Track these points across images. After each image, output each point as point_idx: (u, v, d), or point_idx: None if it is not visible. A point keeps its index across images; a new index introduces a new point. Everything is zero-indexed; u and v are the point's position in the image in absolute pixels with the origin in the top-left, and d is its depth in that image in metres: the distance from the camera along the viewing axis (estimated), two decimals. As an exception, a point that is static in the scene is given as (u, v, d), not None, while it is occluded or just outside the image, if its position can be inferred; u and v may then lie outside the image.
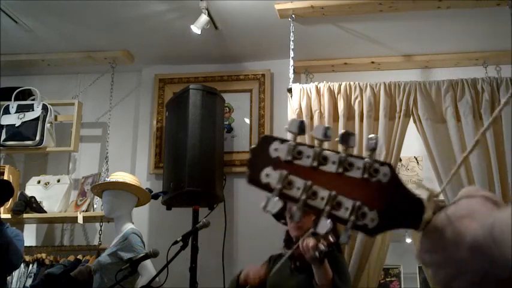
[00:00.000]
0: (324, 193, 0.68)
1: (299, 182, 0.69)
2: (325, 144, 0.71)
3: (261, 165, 0.70)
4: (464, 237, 0.64)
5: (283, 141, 0.71)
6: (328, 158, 0.69)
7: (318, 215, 0.68)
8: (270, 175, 0.70)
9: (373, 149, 0.70)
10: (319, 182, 0.68)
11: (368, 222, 0.67)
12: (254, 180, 0.71)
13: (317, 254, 2.30)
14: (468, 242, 0.64)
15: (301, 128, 0.71)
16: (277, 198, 0.69)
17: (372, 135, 0.69)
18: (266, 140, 0.72)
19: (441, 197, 3.52)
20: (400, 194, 0.68)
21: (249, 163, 0.72)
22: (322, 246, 2.30)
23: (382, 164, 0.69)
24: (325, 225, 0.68)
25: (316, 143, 0.71)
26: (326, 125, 0.70)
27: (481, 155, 3.31)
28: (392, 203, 0.68)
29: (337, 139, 0.73)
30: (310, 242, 2.36)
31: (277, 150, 0.70)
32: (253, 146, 0.73)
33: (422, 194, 0.69)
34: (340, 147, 0.73)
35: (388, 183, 0.68)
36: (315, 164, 0.69)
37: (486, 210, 0.66)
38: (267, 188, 0.70)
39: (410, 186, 0.69)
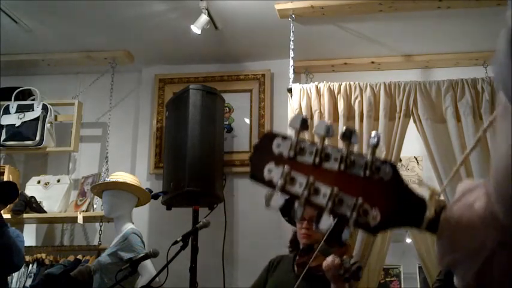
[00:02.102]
0: (326, 190, 0.68)
1: (301, 178, 0.69)
2: (328, 141, 0.71)
3: (263, 161, 0.70)
4: (476, 218, 0.64)
5: (285, 137, 0.71)
6: (331, 155, 0.69)
7: (320, 211, 0.68)
8: (272, 171, 0.70)
9: (375, 146, 0.69)
10: (321, 178, 0.68)
11: (370, 220, 0.67)
12: (256, 176, 0.71)
13: (341, 271, 2.25)
14: (481, 217, 0.64)
15: (303, 124, 0.71)
16: (279, 194, 0.69)
17: (374, 132, 0.69)
18: (268, 137, 0.72)
19: (440, 197, 3.53)
20: (402, 192, 0.68)
21: (252, 159, 0.72)
22: (347, 265, 2.25)
23: (384, 162, 0.68)
24: (327, 221, 0.67)
25: (318, 139, 0.71)
26: (328, 122, 0.70)
27: (481, 155, 3.31)
28: (394, 201, 0.68)
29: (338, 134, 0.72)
30: (335, 260, 2.29)
31: (279, 147, 0.70)
32: (255, 142, 0.73)
33: (424, 193, 0.69)
34: (342, 144, 0.72)
35: (390, 181, 0.68)
36: (317, 160, 0.69)
37: (489, 186, 0.66)
38: (269, 184, 0.70)
39: (413, 185, 0.69)
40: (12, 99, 4.25)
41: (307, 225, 2.66)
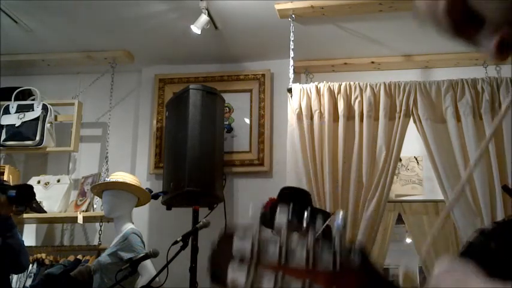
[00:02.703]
0: (297, 286, 0.66)
1: (269, 277, 0.66)
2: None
3: (225, 265, 0.69)
4: None
5: (244, 236, 0.68)
6: (296, 250, 0.67)
7: None
8: (237, 274, 0.68)
9: (341, 232, 0.68)
10: (291, 275, 0.67)
11: None
12: (219, 281, 0.69)
13: None
14: None
15: (264, 219, 0.69)
16: None
17: (339, 214, 0.68)
18: (225, 239, 0.70)
19: (441, 197, 3.53)
20: (375, 279, 0.69)
21: (211, 264, 0.71)
22: None
23: (352, 249, 0.68)
24: None
25: (282, 234, 0.68)
26: (286, 216, 0.68)
27: (482, 157, 3.31)
28: None
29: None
30: None
31: (239, 249, 0.68)
32: (212, 247, 0.71)
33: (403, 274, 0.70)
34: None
35: (360, 269, 0.67)
36: (283, 260, 0.67)
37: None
38: (234, 286, 0.68)
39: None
40: (12, 99, 4.25)
41: None
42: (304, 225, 0.68)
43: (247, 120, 4.21)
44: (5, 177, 4.07)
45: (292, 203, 0.70)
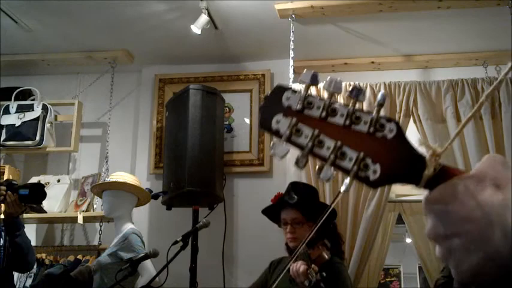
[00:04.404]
0: (330, 143, 0.70)
1: (307, 130, 0.71)
2: (337, 97, 0.74)
3: (272, 112, 0.73)
4: (492, 205, 0.62)
5: (295, 91, 0.73)
6: (337, 110, 0.72)
7: (323, 163, 0.71)
8: (280, 122, 0.72)
9: (380, 104, 0.72)
10: (326, 132, 0.71)
11: (370, 174, 0.69)
12: (265, 125, 0.73)
13: (306, 283, 2.25)
14: (501, 204, 0.61)
15: (313, 79, 0.73)
16: (285, 143, 0.72)
17: (381, 92, 0.71)
18: (279, 89, 0.74)
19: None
20: (404, 150, 0.70)
21: (262, 109, 0.74)
22: (311, 277, 2.24)
23: (389, 120, 0.71)
24: (327, 173, 0.70)
25: (326, 95, 0.73)
26: (338, 79, 0.72)
27: (481, 155, 3.31)
28: (395, 158, 0.70)
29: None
30: (301, 267, 2.31)
31: (289, 99, 0.73)
32: (267, 93, 0.76)
33: (425, 152, 0.70)
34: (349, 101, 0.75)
35: (393, 139, 0.70)
36: (324, 115, 0.72)
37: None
38: (276, 133, 0.72)
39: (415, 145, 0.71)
40: (12, 99, 4.25)
41: (291, 229, 2.70)
42: (347, 93, 0.73)
43: (247, 120, 4.21)
44: (5, 177, 4.07)
45: None
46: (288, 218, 2.75)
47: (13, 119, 4.16)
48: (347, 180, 0.70)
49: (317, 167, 0.71)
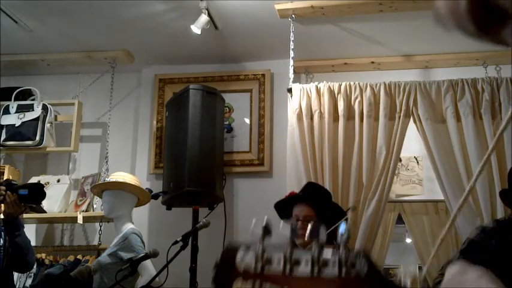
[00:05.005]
0: None
1: None
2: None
3: (228, 281, 0.67)
4: None
5: (248, 247, 0.67)
6: (301, 259, 0.66)
7: None
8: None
9: (345, 241, 0.67)
10: (296, 286, 0.66)
11: None
12: None
13: None
14: None
15: (266, 230, 0.67)
16: None
17: (342, 226, 0.67)
18: (229, 252, 0.68)
19: (441, 197, 3.53)
20: (381, 284, 0.68)
21: (214, 280, 0.68)
22: None
23: (357, 255, 0.67)
24: None
25: (285, 243, 0.67)
26: (293, 222, 0.68)
27: (481, 155, 3.31)
28: None
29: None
30: None
31: (243, 261, 0.67)
32: (216, 260, 0.69)
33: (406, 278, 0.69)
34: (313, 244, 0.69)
35: (367, 276, 0.66)
36: (288, 269, 0.66)
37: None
38: None
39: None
40: (12, 99, 4.25)
41: (302, 225, 2.71)
42: (307, 235, 0.67)
43: (247, 120, 4.21)
44: (5, 177, 4.07)
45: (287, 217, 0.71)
46: (300, 214, 2.79)
47: (13, 119, 4.16)
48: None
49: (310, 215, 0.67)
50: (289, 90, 3.66)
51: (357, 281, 0.65)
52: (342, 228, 0.67)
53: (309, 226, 0.68)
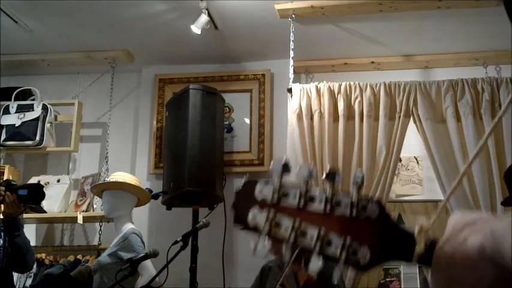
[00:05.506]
0: (313, 232, 0.67)
1: (287, 222, 0.68)
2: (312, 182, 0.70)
3: (247, 207, 0.70)
4: (471, 254, 0.65)
5: (267, 182, 0.70)
6: (315, 197, 0.69)
7: (309, 253, 0.67)
8: (257, 216, 0.69)
9: (359, 186, 0.69)
10: (307, 220, 0.68)
11: (360, 258, 0.67)
12: (241, 222, 0.70)
13: None
14: (476, 253, 0.65)
15: (286, 168, 0.70)
16: (266, 239, 0.68)
17: (357, 172, 0.69)
18: (250, 183, 0.72)
19: (441, 197, 3.53)
20: (390, 228, 0.69)
21: (234, 205, 0.72)
22: None
23: (370, 200, 0.68)
24: (316, 264, 0.67)
25: (302, 181, 0.70)
26: (311, 165, 0.69)
27: (482, 156, 3.31)
28: (382, 238, 0.68)
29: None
30: None
31: (262, 192, 0.70)
32: (237, 190, 0.72)
33: (414, 228, 0.70)
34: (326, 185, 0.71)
35: (377, 219, 0.68)
36: (302, 203, 0.68)
37: (483, 223, 0.67)
38: (254, 230, 0.69)
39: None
40: (12, 99, 4.25)
41: None
42: (324, 177, 0.70)
43: (247, 120, 4.21)
44: (5, 177, 4.08)
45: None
46: None
47: (13, 119, 4.16)
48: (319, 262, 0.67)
49: (303, 260, 0.69)
50: (289, 90, 3.66)
51: (367, 223, 0.68)
52: (357, 174, 0.69)
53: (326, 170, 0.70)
